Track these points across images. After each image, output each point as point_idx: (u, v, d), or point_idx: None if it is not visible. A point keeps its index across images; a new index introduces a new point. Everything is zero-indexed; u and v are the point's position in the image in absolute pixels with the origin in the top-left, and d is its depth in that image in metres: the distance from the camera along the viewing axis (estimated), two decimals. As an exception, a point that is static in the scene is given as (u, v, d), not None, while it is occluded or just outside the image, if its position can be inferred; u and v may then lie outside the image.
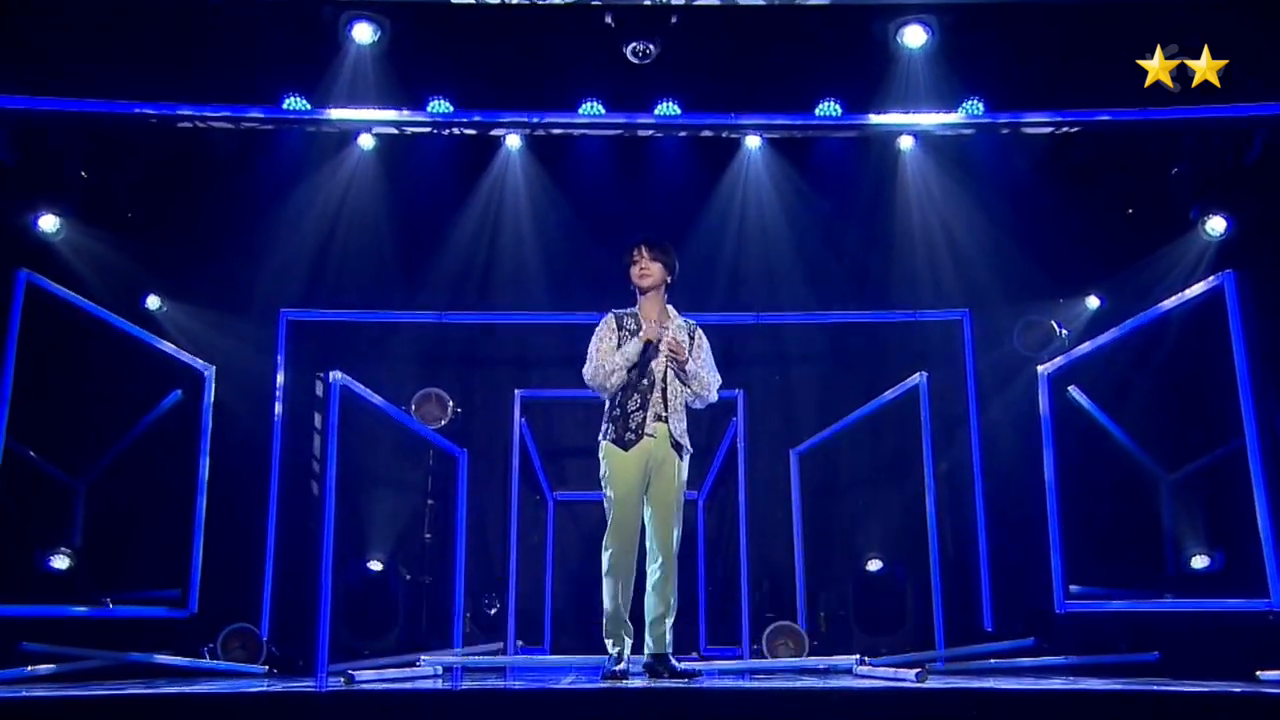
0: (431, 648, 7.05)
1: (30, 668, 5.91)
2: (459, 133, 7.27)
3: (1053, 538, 6.54)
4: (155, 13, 6.57)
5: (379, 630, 7.48)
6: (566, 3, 6.74)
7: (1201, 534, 6.66)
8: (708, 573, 7.84)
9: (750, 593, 7.30)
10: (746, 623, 7.19)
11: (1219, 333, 5.94)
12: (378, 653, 7.17)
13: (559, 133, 7.35)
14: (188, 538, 6.90)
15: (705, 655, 7.34)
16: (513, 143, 7.78)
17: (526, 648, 7.52)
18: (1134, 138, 7.10)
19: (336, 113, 6.86)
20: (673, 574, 5.37)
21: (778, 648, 7.13)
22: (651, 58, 6.67)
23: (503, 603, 7.48)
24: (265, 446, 7.53)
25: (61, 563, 6.65)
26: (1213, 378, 6.37)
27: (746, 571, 7.30)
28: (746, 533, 7.35)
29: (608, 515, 5.40)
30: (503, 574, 7.49)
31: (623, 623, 5.35)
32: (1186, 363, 6.81)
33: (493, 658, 7.11)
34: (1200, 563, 6.59)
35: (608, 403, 5.48)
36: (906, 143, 7.67)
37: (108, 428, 7.10)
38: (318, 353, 7.99)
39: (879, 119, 7.04)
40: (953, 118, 6.94)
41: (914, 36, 6.77)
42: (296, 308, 7.80)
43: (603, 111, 6.97)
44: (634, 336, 5.44)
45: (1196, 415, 6.78)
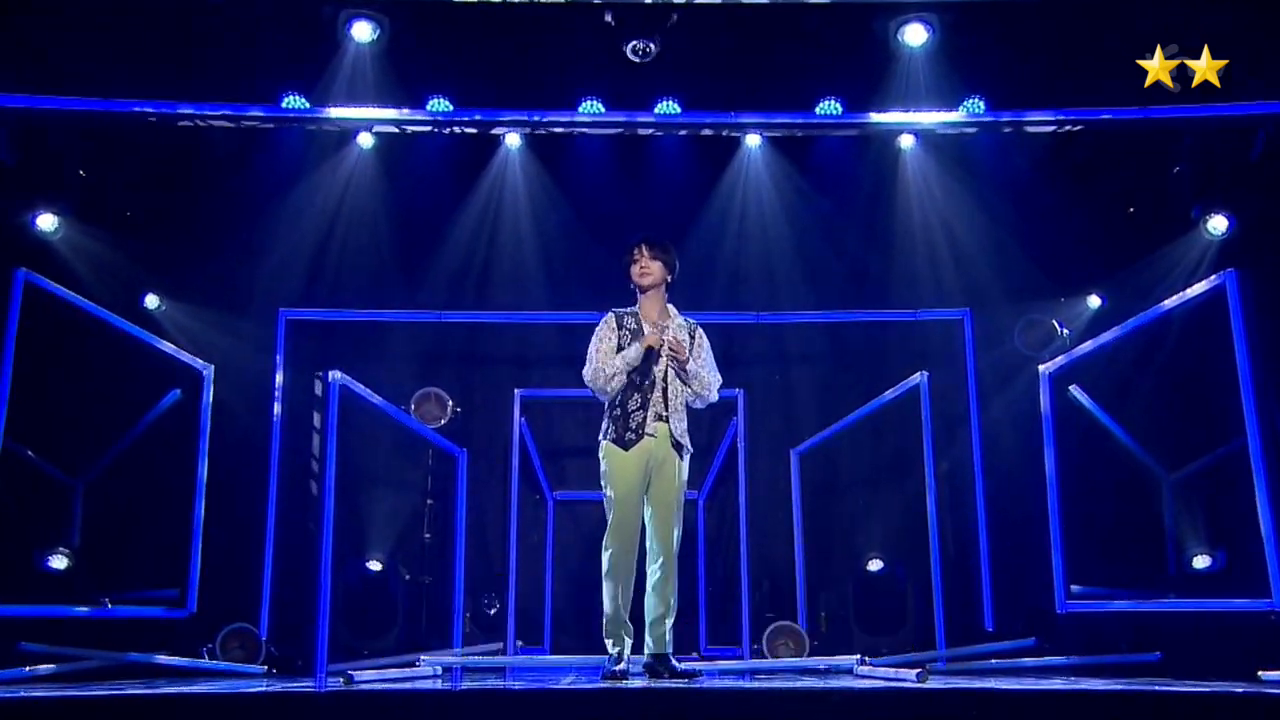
0: (431, 648, 7.04)
1: (29, 668, 5.91)
2: (458, 131, 7.27)
3: (1054, 537, 6.52)
4: (155, 12, 6.57)
5: (378, 630, 7.46)
6: (566, 1, 6.73)
7: (1203, 534, 6.64)
8: (708, 573, 7.83)
9: (750, 593, 7.28)
10: (747, 623, 7.17)
11: (1220, 332, 5.92)
12: (377, 653, 7.16)
13: (559, 131, 7.34)
14: (186, 537, 6.89)
15: (705, 655, 7.32)
16: (512, 141, 7.78)
17: (526, 648, 7.51)
18: (1135, 137, 7.09)
19: (336, 111, 6.87)
20: (673, 574, 5.36)
21: (778, 648, 7.12)
22: (651, 56, 6.67)
23: (502, 603, 7.47)
24: (264, 446, 7.53)
25: (60, 563, 6.63)
26: (1214, 377, 6.34)
27: (747, 571, 7.28)
28: (747, 533, 7.33)
29: (608, 515, 5.39)
30: (502, 573, 7.48)
31: (623, 623, 5.34)
32: (1188, 362, 6.80)
33: (492, 658, 7.10)
34: (1202, 562, 6.57)
35: (608, 402, 5.47)
36: (907, 141, 7.67)
37: (106, 427, 7.09)
38: (317, 352, 7.96)
39: (879, 118, 7.04)
40: (953, 116, 6.95)
41: (915, 35, 6.78)
42: (296, 307, 7.79)
43: (603, 110, 6.97)
44: (634, 336, 5.43)
45: (1198, 414, 6.76)
